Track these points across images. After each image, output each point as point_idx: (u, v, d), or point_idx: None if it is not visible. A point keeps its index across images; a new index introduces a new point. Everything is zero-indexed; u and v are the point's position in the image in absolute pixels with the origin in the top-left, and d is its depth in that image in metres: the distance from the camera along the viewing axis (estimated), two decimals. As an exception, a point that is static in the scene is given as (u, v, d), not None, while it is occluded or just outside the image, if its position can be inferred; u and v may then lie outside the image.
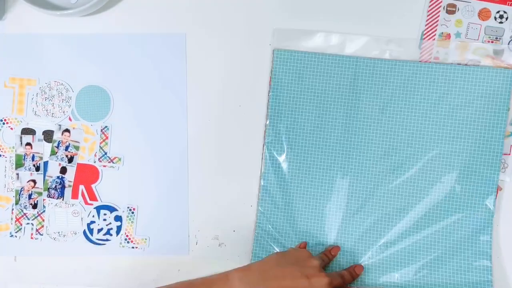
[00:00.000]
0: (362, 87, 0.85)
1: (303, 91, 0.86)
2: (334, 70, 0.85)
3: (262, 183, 0.86)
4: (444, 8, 0.86)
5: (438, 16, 0.86)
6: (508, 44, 0.85)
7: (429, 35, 0.86)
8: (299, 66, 0.86)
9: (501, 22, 0.85)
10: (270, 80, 0.87)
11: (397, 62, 0.85)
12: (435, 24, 0.86)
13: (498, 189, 0.84)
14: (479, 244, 0.83)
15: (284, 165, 0.86)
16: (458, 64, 0.84)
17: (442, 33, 0.86)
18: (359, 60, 0.85)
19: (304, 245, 0.85)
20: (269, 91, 0.87)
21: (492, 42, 0.85)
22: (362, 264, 0.84)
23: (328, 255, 0.83)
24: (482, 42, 0.85)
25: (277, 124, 0.86)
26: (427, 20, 0.86)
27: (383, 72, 0.85)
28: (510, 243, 0.85)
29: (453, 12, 0.86)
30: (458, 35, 0.86)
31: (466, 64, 0.84)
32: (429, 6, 0.86)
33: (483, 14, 0.85)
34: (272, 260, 0.78)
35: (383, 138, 0.85)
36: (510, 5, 0.85)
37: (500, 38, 0.85)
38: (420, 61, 0.85)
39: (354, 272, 0.83)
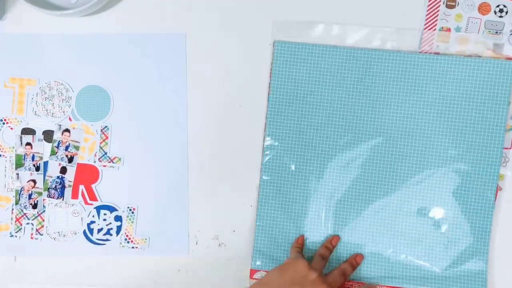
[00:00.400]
0: (363, 78, 0.85)
1: (303, 83, 0.86)
2: (335, 61, 0.85)
3: (262, 179, 0.86)
4: (444, 3, 0.86)
5: (438, 10, 0.85)
6: (508, 38, 0.85)
7: (429, 29, 0.85)
8: (300, 57, 0.86)
9: (501, 16, 0.85)
10: (270, 73, 0.87)
11: (398, 53, 0.85)
12: (435, 19, 0.85)
13: (498, 189, 0.84)
14: (478, 237, 0.83)
15: (284, 159, 0.86)
16: (458, 55, 0.84)
17: (442, 27, 0.86)
18: (360, 51, 0.85)
19: (301, 240, 0.85)
20: (269, 83, 0.87)
21: (492, 36, 0.85)
22: (362, 254, 0.84)
23: (328, 246, 0.84)
24: (482, 36, 0.85)
25: (277, 117, 0.86)
26: (427, 15, 0.86)
27: (384, 63, 0.84)
28: (510, 243, 0.85)
29: (453, 7, 0.86)
30: (458, 29, 0.86)
31: (467, 56, 0.84)
32: (429, 1, 0.86)
33: (483, 8, 0.85)
34: (272, 282, 0.77)
35: (384, 130, 0.85)
36: (510, -1, 0.85)
37: (500, 32, 0.85)
38: (420, 52, 0.85)
39: (355, 262, 0.83)
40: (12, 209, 0.89)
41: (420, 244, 0.84)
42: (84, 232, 0.89)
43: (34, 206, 0.89)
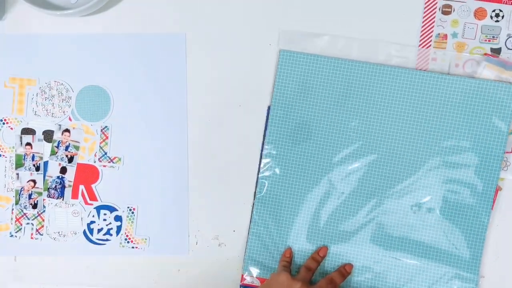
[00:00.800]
0: (365, 92, 0.84)
1: (306, 93, 0.85)
2: (339, 74, 0.85)
3: (258, 184, 0.86)
4: (439, 9, 0.86)
5: (434, 17, 0.86)
6: (505, 42, 0.85)
7: (425, 36, 0.86)
8: (305, 68, 0.85)
9: (497, 21, 0.85)
10: (274, 81, 0.87)
11: (401, 70, 0.84)
12: (431, 25, 0.86)
13: (498, 189, 0.84)
14: (470, 260, 0.83)
15: (281, 168, 0.86)
16: (458, 75, 0.84)
17: (438, 34, 0.86)
18: (363, 65, 0.84)
19: (289, 253, 0.85)
20: (272, 91, 0.87)
21: (489, 41, 0.85)
22: (352, 263, 0.84)
23: (316, 258, 0.84)
24: (479, 42, 0.85)
25: (277, 126, 0.86)
26: (423, 22, 0.86)
27: (387, 78, 0.84)
28: (509, 243, 0.85)
29: (448, 13, 0.86)
30: (454, 35, 0.86)
31: (461, 75, 0.84)
32: (424, 8, 0.86)
33: (479, 14, 0.85)
34: None
35: (384, 144, 0.84)
36: (506, 3, 0.85)
37: (497, 37, 0.85)
38: (424, 70, 0.84)
39: (344, 271, 0.84)
40: (12, 209, 0.89)
41: (410, 259, 0.84)
42: (84, 232, 0.89)
43: (34, 206, 0.89)
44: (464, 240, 0.83)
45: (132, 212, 0.88)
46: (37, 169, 0.89)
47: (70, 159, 0.89)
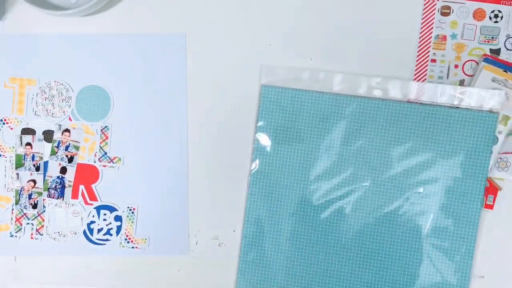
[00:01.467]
0: (348, 125, 0.84)
1: (290, 127, 0.85)
2: (320, 107, 0.85)
3: (246, 207, 0.86)
4: (438, 10, 0.86)
5: (433, 18, 0.86)
6: (504, 43, 0.85)
7: (424, 37, 0.86)
8: (287, 103, 0.85)
9: (496, 22, 0.85)
10: (257, 116, 0.86)
11: (383, 102, 0.84)
12: (430, 27, 0.86)
13: (498, 189, 0.84)
14: (459, 268, 0.83)
15: (269, 192, 0.86)
16: (442, 105, 0.83)
17: (438, 35, 0.86)
18: (344, 99, 0.84)
19: None
20: (255, 126, 0.86)
21: (488, 41, 0.85)
22: None
23: None
24: (478, 42, 0.85)
25: (263, 160, 0.86)
26: (422, 23, 0.86)
27: (370, 112, 0.84)
28: (509, 243, 0.85)
29: (447, 14, 0.86)
30: (454, 36, 0.86)
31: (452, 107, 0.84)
32: (423, 9, 0.86)
33: (478, 14, 0.85)
34: None
35: (369, 176, 0.84)
36: (505, 4, 0.85)
37: (496, 37, 0.85)
38: (407, 102, 0.84)
39: None
40: (12, 209, 0.89)
41: (398, 279, 0.84)
42: (84, 232, 0.89)
43: (34, 206, 0.89)
44: (451, 265, 0.83)
45: (132, 212, 0.88)
46: (37, 169, 0.89)
47: (70, 159, 0.89)
